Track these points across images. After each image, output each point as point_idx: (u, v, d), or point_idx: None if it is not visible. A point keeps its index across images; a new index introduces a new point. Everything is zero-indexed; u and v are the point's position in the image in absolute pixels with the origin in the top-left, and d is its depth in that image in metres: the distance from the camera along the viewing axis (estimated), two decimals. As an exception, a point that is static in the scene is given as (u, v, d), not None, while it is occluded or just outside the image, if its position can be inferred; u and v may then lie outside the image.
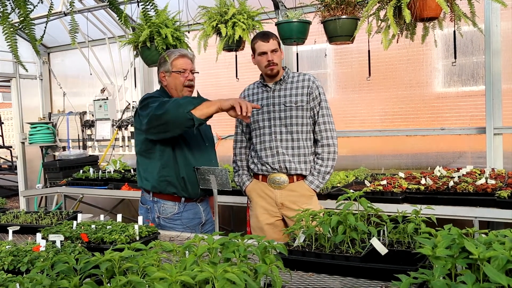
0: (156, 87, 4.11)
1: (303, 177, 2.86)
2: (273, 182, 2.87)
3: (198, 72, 2.85)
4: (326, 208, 1.93)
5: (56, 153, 6.58)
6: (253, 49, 2.90)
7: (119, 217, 2.53)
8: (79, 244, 2.03)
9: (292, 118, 2.84)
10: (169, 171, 2.69)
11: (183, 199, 2.74)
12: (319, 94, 2.86)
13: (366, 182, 3.67)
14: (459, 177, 3.48)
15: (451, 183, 3.25)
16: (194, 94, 3.02)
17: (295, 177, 2.85)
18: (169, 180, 2.70)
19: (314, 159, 2.89)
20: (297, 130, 2.84)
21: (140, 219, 2.51)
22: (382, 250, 1.70)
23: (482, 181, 3.24)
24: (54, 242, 1.98)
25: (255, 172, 2.96)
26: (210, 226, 2.85)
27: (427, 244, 1.35)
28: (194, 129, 2.53)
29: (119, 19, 1.80)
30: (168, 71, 2.78)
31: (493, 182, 3.22)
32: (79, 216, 2.64)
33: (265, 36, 2.85)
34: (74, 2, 1.75)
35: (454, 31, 3.17)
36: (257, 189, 2.94)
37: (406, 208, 2.05)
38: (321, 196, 3.52)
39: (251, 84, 3.07)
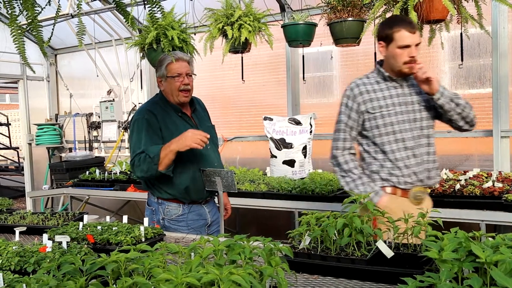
0: (162, 89, 4.13)
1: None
2: (414, 197, 2.35)
3: (195, 75, 2.77)
4: (332, 211, 1.92)
5: (63, 154, 6.62)
6: (391, 37, 2.29)
7: (125, 218, 2.54)
8: (85, 245, 2.04)
9: (428, 119, 2.39)
10: (169, 184, 2.66)
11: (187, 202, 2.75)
12: None
13: (372, 184, 3.65)
14: (465, 180, 3.46)
15: (457, 186, 3.23)
16: (198, 96, 3.01)
17: (428, 189, 2.45)
18: (169, 192, 2.68)
19: None
20: (431, 134, 2.41)
21: (145, 220, 2.52)
22: (388, 253, 1.69)
23: (489, 184, 3.22)
24: (60, 243, 1.98)
25: (394, 185, 2.36)
26: (216, 228, 2.84)
27: (433, 247, 1.35)
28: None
29: (126, 21, 1.81)
30: (163, 76, 2.72)
31: (500, 185, 3.19)
32: (85, 217, 2.65)
33: (412, 25, 2.29)
34: (81, 4, 1.76)
35: (461, 33, 3.15)
36: (397, 206, 2.27)
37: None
38: (327, 198, 3.51)
39: (363, 79, 2.44)
